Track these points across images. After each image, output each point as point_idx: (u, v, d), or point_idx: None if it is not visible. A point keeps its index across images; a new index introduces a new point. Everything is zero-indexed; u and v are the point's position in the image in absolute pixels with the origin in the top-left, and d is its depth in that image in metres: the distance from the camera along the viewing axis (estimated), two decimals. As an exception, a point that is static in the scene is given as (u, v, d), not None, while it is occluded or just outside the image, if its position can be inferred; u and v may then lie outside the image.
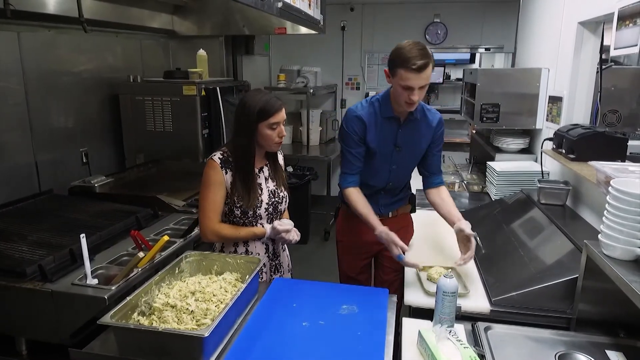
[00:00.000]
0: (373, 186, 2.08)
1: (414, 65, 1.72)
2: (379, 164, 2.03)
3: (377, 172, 2.05)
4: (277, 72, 5.05)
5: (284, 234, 1.84)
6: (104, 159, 3.13)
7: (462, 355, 1.31)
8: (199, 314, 1.38)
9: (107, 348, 1.34)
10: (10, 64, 2.40)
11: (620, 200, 1.31)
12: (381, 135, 1.99)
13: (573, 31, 2.50)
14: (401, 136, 1.99)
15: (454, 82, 6.13)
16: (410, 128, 2.00)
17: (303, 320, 1.50)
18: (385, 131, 1.98)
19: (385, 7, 5.31)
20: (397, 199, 2.16)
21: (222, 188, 1.78)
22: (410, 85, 1.77)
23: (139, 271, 1.71)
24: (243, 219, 1.82)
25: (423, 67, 1.73)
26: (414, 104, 1.83)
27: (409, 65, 1.72)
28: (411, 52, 1.73)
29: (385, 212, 2.14)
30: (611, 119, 2.51)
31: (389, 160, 2.03)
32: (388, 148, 2.01)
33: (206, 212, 1.78)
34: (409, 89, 1.78)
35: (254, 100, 1.72)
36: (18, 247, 1.82)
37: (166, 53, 3.78)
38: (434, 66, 1.79)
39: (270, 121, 1.73)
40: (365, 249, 2.18)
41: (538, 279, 1.69)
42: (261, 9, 2.33)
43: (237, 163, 1.78)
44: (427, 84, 1.80)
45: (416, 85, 1.76)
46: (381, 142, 1.99)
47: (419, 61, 1.72)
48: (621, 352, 1.42)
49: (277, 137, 1.77)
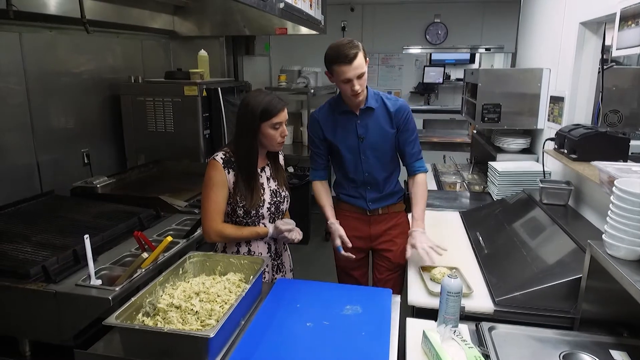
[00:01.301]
0: (355, 180, 2.15)
1: (345, 58, 1.85)
2: (349, 157, 2.12)
3: (350, 164, 2.13)
4: (277, 73, 5.04)
5: (286, 233, 1.85)
6: (105, 159, 3.12)
7: (467, 355, 1.31)
8: (203, 315, 1.38)
9: (112, 349, 1.34)
10: (11, 64, 2.40)
11: (624, 200, 1.31)
12: (341, 130, 2.10)
13: (574, 31, 2.50)
14: (361, 127, 2.07)
15: (454, 82, 6.14)
16: (367, 118, 2.07)
17: (307, 321, 1.51)
18: (345, 125, 2.09)
19: (386, 8, 5.31)
20: (384, 194, 2.17)
21: (225, 188, 1.78)
22: (347, 78, 1.89)
23: (142, 272, 1.71)
24: (246, 218, 1.82)
25: (352, 57, 1.85)
26: (358, 94, 1.94)
27: (340, 60, 1.86)
28: (339, 48, 1.87)
29: (374, 207, 2.16)
30: (612, 119, 2.52)
31: (357, 151, 2.10)
32: (352, 140, 2.09)
33: (209, 212, 1.77)
34: (349, 81, 1.90)
35: (256, 101, 1.73)
36: (21, 248, 1.81)
37: (167, 53, 3.78)
38: (366, 56, 1.91)
39: (273, 121, 1.74)
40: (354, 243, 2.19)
41: (541, 279, 1.69)
42: (263, 10, 2.33)
43: (240, 163, 1.78)
44: (363, 72, 1.90)
45: (352, 76, 1.88)
46: (343, 136, 2.10)
47: (348, 53, 1.85)
48: (625, 351, 1.42)
49: (279, 136, 1.78)
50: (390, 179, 2.19)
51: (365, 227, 2.18)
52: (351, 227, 2.14)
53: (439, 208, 2.84)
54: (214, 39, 3.82)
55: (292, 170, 4.65)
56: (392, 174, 2.20)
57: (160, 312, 1.39)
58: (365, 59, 1.91)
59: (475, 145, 4.21)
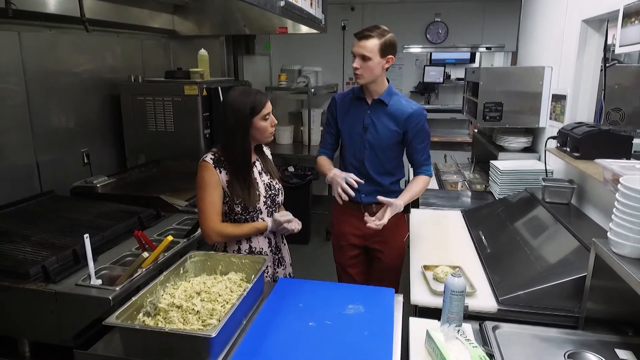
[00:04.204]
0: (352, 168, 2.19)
1: (359, 34, 2.01)
2: (350, 143, 2.20)
3: (349, 150, 2.21)
4: (277, 72, 5.03)
5: (285, 224, 1.85)
6: (105, 159, 3.11)
7: (472, 355, 1.29)
8: (204, 315, 1.37)
9: (112, 349, 1.33)
10: (11, 64, 2.38)
11: (629, 197, 1.29)
12: (351, 114, 2.19)
13: (577, 29, 2.49)
14: (368, 117, 2.14)
15: (454, 82, 6.12)
16: (378, 111, 2.13)
17: (309, 320, 1.49)
18: (356, 111, 2.18)
19: (386, 7, 5.30)
20: (378, 189, 2.16)
21: (219, 188, 1.77)
22: (352, 51, 2.04)
23: (143, 271, 1.70)
24: (244, 215, 1.82)
25: (363, 37, 1.99)
26: (357, 75, 2.06)
27: (357, 34, 2.03)
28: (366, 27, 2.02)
29: (367, 201, 2.17)
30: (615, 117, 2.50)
31: (359, 139, 2.16)
32: (357, 128, 2.17)
33: (207, 214, 1.77)
34: (354, 56, 2.03)
35: (242, 100, 1.75)
36: (21, 247, 1.80)
37: (167, 53, 3.77)
38: (384, 48, 2.00)
39: (263, 113, 1.76)
40: (347, 239, 2.27)
41: (545, 277, 1.67)
42: (264, 8, 2.31)
43: (236, 164, 1.78)
44: (368, 56, 1.99)
45: (356, 52, 2.01)
46: (351, 121, 2.19)
47: (364, 32, 1.99)
48: (630, 350, 1.41)
49: (270, 126, 1.81)
50: (387, 176, 2.20)
51: (359, 223, 2.14)
52: (341, 221, 2.21)
53: (441, 207, 2.83)
54: (214, 38, 3.81)
55: (293, 170, 4.64)
56: (391, 174, 2.21)
57: (161, 312, 1.37)
58: (382, 48, 1.99)
59: (476, 145, 4.20)
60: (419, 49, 5.44)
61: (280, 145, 4.97)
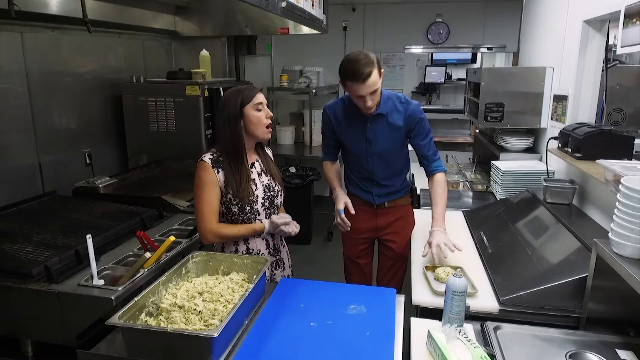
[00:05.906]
0: (362, 176, 2.23)
1: (359, 77, 1.86)
2: (356, 157, 2.19)
3: (357, 163, 2.21)
4: (279, 73, 5.03)
5: (283, 226, 1.84)
6: (107, 159, 3.12)
7: (473, 355, 1.30)
8: (206, 315, 1.37)
9: (115, 349, 1.33)
10: (13, 64, 2.39)
11: (631, 198, 1.30)
12: (350, 131, 2.15)
13: (578, 30, 2.49)
14: (370, 131, 2.11)
15: (455, 82, 6.13)
16: (378, 123, 2.10)
17: (311, 321, 1.50)
18: (355, 127, 2.13)
19: (387, 7, 5.30)
20: (390, 191, 2.24)
21: (216, 188, 1.77)
22: (360, 95, 1.92)
23: (145, 272, 1.70)
24: (241, 215, 1.81)
25: (367, 76, 1.86)
26: (370, 108, 1.99)
27: (354, 78, 1.87)
28: (354, 65, 1.86)
29: (380, 202, 2.24)
30: (616, 118, 2.50)
31: (365, 153, 2.15)
32: (360, 142, 2.14)
33: (203, 213, 1.77)
34: (361, 97, 1.93)
35: (233, 93, 1.78)
36: (23, 248, 1.80)
37: (168, 54, 3.78)
38: (380, 70, 1.92)
39: (254, 102, 1.77)
40: (361, 233, 2.31)
41: (546, 278, 1.68)
42: (265, 9, 2.32)
43: (227, 153, 1.78)
44: (377, 88, 1.92)
45: (365, 94, 1.91)
46: (352, 137, 2.16)
47: (363, 71, 1.85)
48: (632, 351, 1.41)
49: (265, 118, 1.80)
50: (397, 177, 2.25)
51: (372, 218, 2.27)
52: (358, 218, 2.21)
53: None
54: (216, 38, 3.81)
55: (294, 171, 4.64)
56: (399, 174, 2.26)
57: (164, 312, 1.38)
58: (380, 71, 1.92)
59: (477, 145, 4.20)
60: (420, 50, 5.44)
61: (282, 146, 4.98)
